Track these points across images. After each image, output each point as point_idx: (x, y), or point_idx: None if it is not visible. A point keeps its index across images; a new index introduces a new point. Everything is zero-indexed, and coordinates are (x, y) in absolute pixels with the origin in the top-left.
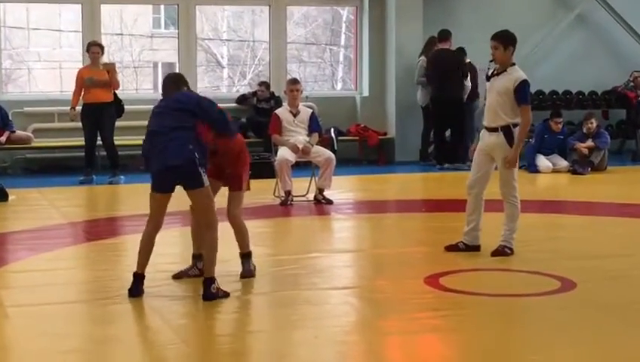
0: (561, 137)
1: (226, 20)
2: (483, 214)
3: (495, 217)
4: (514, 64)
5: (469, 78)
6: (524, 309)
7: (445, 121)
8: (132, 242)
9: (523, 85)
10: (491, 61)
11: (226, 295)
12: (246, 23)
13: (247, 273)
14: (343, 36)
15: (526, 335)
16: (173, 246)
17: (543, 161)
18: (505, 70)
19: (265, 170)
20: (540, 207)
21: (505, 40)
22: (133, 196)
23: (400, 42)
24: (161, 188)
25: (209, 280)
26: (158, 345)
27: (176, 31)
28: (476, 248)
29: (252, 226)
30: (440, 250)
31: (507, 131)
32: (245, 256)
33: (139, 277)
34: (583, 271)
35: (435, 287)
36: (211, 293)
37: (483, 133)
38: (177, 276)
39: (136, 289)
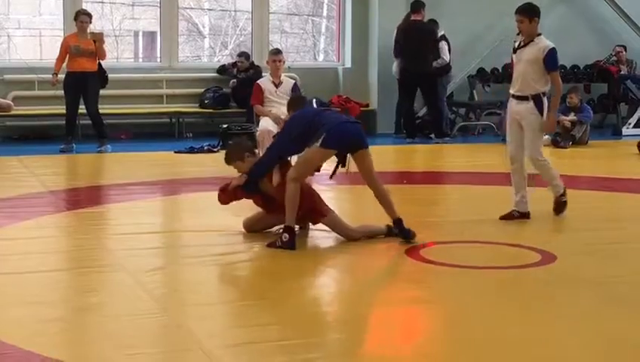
0: None
1: None
2: (526, 183)
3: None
4: (540, 34)
5: (446, 50)
6: (505, 281)
7: (413, 94)
8: (113, 211)
9: (552, 52)
10: (518, 34)
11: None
12: None
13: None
14: (325, 7)
15: (506, 307)
16: (151, 216)
17: None
18: (532, 40)
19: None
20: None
21: (529, 13)
22: (114, 165)
23: (383, 13)
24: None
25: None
26: (138, 314)
27: (158, 0)
28: (527, 215)
29: None
30: (421, 221)
31: (537, 99)
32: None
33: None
34: (564, 244)
35: (416, 259)
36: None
37: (511, 102)
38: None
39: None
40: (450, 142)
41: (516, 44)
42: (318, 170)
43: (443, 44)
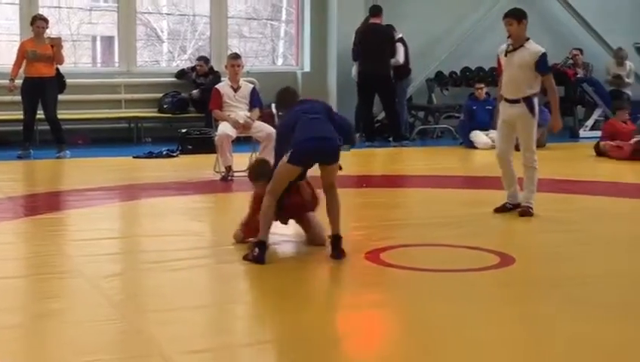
0: (490, 108)
1: None
2: (516, 177)
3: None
4: (528, 38)
5: (402, 53)
6: (464, 284)
7: (372, 97)
8: (72, 217)
9: (544, 57)
10: (508, 37)
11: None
12: None
13: None
14: (284, 11)
15: (465, 309)
16: (110, 222)
17: (480, 137)
18: (522, 45)
19: (205, 145)
20: (479, 183)
21: (517, 15)
22: (72, 170)
23: (341, 17)
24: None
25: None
26: (97, 320)
27: (116, 4)
28: (519, 206)
29: (193, 201)
30: (380, 225)
31: (529, 101)
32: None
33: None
34: (522, 246)
35: (375, 263)
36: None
37: (503, 105)
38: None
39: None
40: (408, 145)
41: (502, 48)
42: None
43: (399, 46)
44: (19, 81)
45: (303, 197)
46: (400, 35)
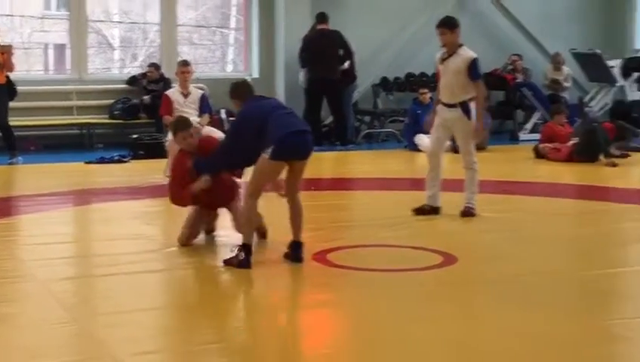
0: None
1: (117, 2)
2: (440, 180)
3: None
4: (462, 45)
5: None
6: (408, 283)
7: (320, 102)
8: (24, 222)
9: (474, 62)
10: (443, 46)
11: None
12: (137, 6)
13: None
14: (233, 19)
15: (410, 307)
16: (62, 227)
17: (424, 140)
18: (455, 52)
19: (156, 150)
20: (423, 184)
21: (450, 25)
22: (25, 176)
23: (288, 24)
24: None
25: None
26: (50, 324)
27: (67, 13)
28: (437, 210)
29: (144, 205)
30: (328, 226)
31: (465, 106)
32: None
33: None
34: (464, 246)
35: (323, 263)
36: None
37: (440, 108)
38: None
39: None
40: (355, 148)
41: (439, 55)
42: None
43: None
44: None
45: (225, 186)
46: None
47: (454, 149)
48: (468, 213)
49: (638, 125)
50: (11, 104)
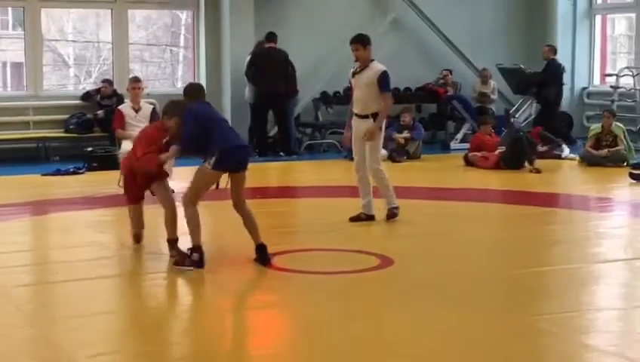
0: None
1: (72, 22)
2: (372, 188)
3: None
4: (373, 60)
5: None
6: (349, 285)
7: (265, 115)
8: None
9: (384, 75)
10: (356, 61)
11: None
12: (91, 25)
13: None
14: (182, 37)
15: (350, 308)
16: (20, 236)
17: None
18: (367, 66)
19: (110, 162)
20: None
21: (362, 41)
22: None
23: (233, 43)
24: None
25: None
26: (7, 328)
27: (23, 32)
28: (372, 217)
29: (99, 215)
30: (273, 232)
31: (376, 116)
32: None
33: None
34: (400, 249)
35: (268, 267)
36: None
37: (355, 120)
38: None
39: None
40: (298, 159)
41: (352, 69)
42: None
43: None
44: None
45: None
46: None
47: (391, 157)
48: (392, 214)
49: (559, 134)
50: None
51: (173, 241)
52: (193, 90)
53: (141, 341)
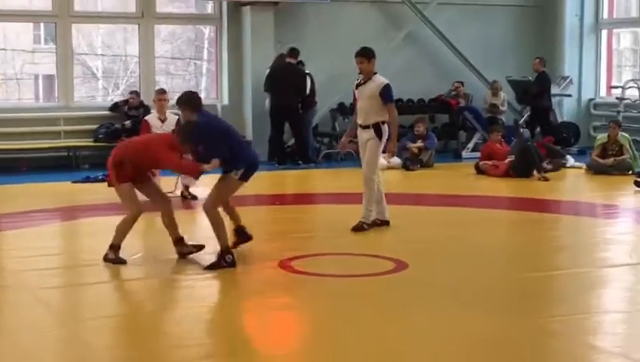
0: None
1: (101, 37)
2: (383, 197)
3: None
4: (376, 73)
5: (308, 85)
6: (364, 288)
7: (282, 126)
8: (15, 236)
9: (387, 88)
10: (360, 73)
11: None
12: (119, 40)
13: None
14: (205, 51)
15: (365, 310)
16: (51, 240)
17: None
18: (370, 78)
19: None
20: None
21: (367, 54)
22: (16, 195)
23: (254, 57)
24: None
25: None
26: (39, 328)
27: (55, 46)
28: (387, 222)
29: None
30: (292, 237)
31: (376, 127)
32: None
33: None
34: (415, 253)
35: (287, 270)
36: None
37: (358, 130)
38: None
39: None
40: (315, 167)
41: (357, 82)
42: None
43: (307, 79)
44: None
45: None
46: (307, 71)
47: (405, 166)
48: (359, 228)
49: (566, 144)
50: (5, 129)
51: (180, 240)
52: (197, 101)
53: (165, 341)
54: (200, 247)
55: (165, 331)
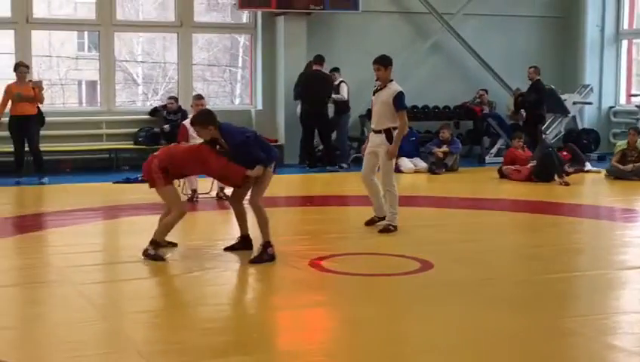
0: (413, 139)
1: (141, 45)
2: (380, 192)
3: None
4: (392, 80)
5: (346, 91)
6: (391, 286)
7: (312, 131)
8: (60, 233)
9: (400, 95)
10: (377, 80)
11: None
12: (158, 47)
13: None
14: (240, 59)
15: (391, 308)
16: (93, 237)
17: (405, 163)
18: (386, 85)
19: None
20: (404, 201)
21: (384, 62)
22: (60, 194)
23: (287, 64)
24: None
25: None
26: (81, 322)
27: (98, 53)
28: (384, 218)
29: None
30: (322, 237)
31: (388, 132)
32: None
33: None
34: (440, 253)
35: (317, 269)
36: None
37: (370, 135)
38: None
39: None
40: (346, 170)
41: (375, 88)
42: None
43: (343, 86)
44: (5, 119)
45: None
46: (341, 79)
47: (431, 170)
48: (387, 230)
49: (587, 150)
50: (50, 132)
51: (160, 243)
52: (214, 118)
53: (199, 335)
54: (174, 244)
55: (199, 326)
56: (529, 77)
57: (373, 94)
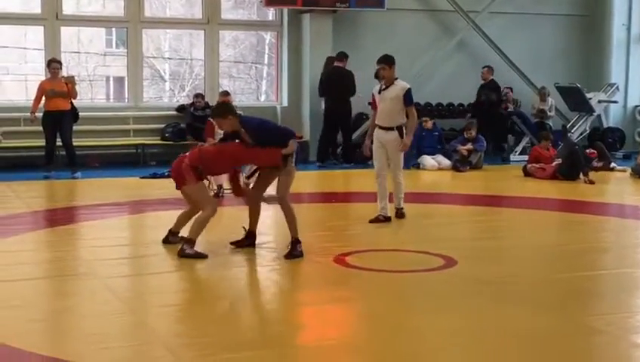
0: (436, 134)
1: (168, 41)
2: (388, 192)
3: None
4: (397, 78)
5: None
6: (414, 282)
7: (336, 127)
8: (88, 227)
9: (409, 92)
10: (382, 79)
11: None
12: (185, 44)
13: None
14: (266, 56)
15: (416, 303)
16: (120, 231)
17: (428, 161)
18: (392, 83)
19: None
20: (428, 198)
21: (389, 61)
22: (88, 188)
23: (313, 61)
24: None
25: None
26: (108, 314)
27: (126, 50)
28: (389, 218)
29: None
30: (347, 233)
31: (400, 129)
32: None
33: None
34: (463, 250)
35: (342, 265)
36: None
37: (378, 132)
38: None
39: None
40: (365, 167)
41: (376, 88)
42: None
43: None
44: (39, 114)
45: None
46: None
47: (455, 167)
48: (400, 214)
49: (612, 148)
50: (79, 127)
51: (176, 233)
52: (234, 109)
53: (223, 329)
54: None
55: (223, 320)
56: (483, 77)
57: (379, 93)
